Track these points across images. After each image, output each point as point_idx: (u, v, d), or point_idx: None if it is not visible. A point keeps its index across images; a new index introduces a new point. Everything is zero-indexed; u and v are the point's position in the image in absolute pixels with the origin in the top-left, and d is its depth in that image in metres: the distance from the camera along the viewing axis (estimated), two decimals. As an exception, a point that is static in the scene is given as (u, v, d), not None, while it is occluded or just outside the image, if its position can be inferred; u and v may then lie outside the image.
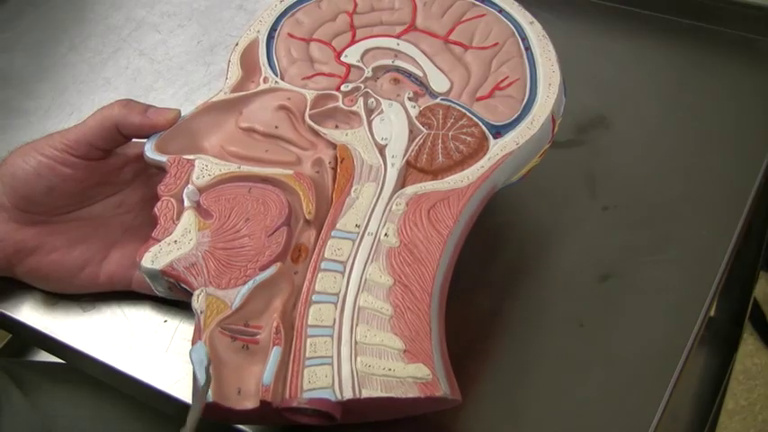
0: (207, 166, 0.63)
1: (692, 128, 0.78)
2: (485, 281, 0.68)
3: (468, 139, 0.64)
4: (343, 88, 0.67)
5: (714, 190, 0.73)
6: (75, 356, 0.68)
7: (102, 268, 0.67)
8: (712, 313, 0.73)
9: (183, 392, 0.64)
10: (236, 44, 0.70)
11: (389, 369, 0.55)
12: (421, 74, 0.67)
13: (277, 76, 0.68)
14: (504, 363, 0.64)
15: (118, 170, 0.68)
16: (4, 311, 0.69)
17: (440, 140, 0.64)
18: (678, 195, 0.73)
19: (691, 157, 0.76)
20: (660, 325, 0.65)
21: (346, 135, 0.65)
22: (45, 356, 0.79)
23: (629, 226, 0.71)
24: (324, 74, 0.68)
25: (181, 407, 0.63)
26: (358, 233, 0.60)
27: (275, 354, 0.56)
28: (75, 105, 0.85)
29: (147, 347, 0.67)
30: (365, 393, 0.54)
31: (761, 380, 1.60)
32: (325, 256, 0.60)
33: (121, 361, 0.66)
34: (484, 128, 0.64)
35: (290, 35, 0.70)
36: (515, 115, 0.65)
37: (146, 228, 0.64)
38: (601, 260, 0.69)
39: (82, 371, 0.71)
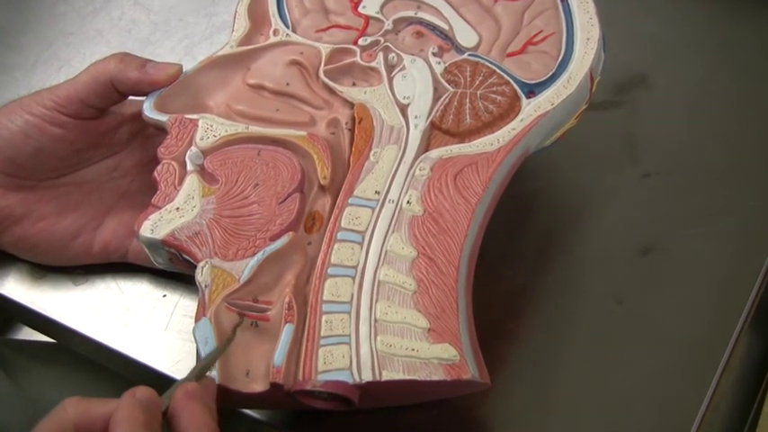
0: (212, 126, 0.63)
1: (739, 89, 0.78)
2: (515, 254, 0.68)
3: (499, 98, 0.63)
4: (360, 42, 0.66)
5: (763, 156, 0.72)
6: (65, 334, 0.68)
7: (95, 238, 0.67)
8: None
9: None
10: (244, -8, 0.69)
11: (413, 349, 0.55)
12: (446, 27, 0.67)
13: (288, 28, 0.67)
14: (535, 343, 0.64)
15: (113, 130, 0.67)
16: (-14, 285, 0.69)
17: (467, 100, 0.63)
18: (724, 162, 0.72)
19: (738, 120, 0.75)
20: (706, 304, 0.65)
21: (365, 93, 0.64)
22: (32, 335, 0.79)
23: (672, 195, 0.70)
24: (340, 26, 0.67)
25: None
26: (378, 200, 0.60)
27: (287, 332, 0.56)
28: (63, 60, 0.84)
29: (145, 324, 0.66)
30: (386, 375, 0.54)
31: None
32: (342, 225, 0.59)
33: (116, 339, 0.66)
34: (516, 86, 0.64)
35: (303, -17, 0.70)
36: (550, 73, 0.64)
37: (144, 194, 0.64)
38: (641, 232, 0.68)
39: (73, 350, 0.71)
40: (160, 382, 0.64)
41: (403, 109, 0.63)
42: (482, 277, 0.61)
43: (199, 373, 0.53)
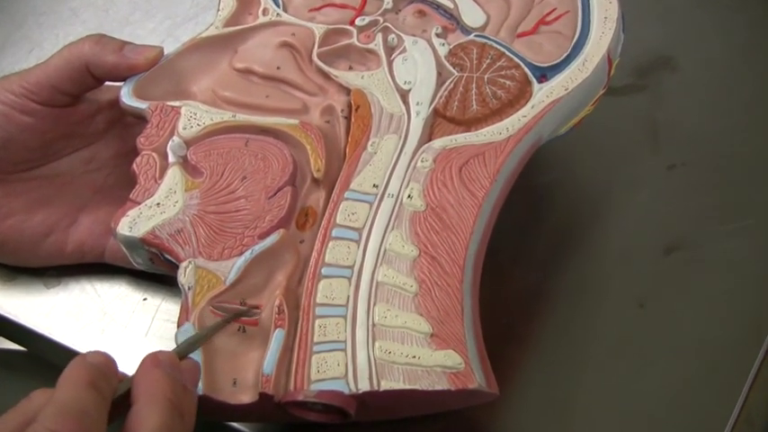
0: (195, 114, 0.63)
1: (770, 71, 0.78)
2: (526, 252, 0.68)
3: (508, 83, 0.63)
4: (358, 22, 0.66)
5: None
6: (36, 342, 0.68)
7: (69, 236, 0.67)
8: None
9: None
10: (230, -31, 0.69)
11: (414, 356, 0.55)
12: (451, 5, 0.67)
13: (279, 7, 0.68)
14: (549, 349, 0.64)
15: (88, 119, 0.67)
16: (-50, 288, 0.70)
17: (474, 85, 0.63)
18: (756, 151, 0.72)
19: (769, 106, 0.75)
20: (736, 306, 0.65)
21: (362, 78, 0.64)
22: (1, 342, 0.79)
23: (699, 188, 0.71)
24: (335, 5, 0.68)
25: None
26: (376, 195, 0.60)
27: (277, 337, 0.56)
28: (35, 41, 0.84)
29: (124, 330, 0.66)
30: (385, 385, 0.54)
31: None
32: (338, 221, 0.59)
33: (93, 347, 0.65)
34: (526, 70, 0.64)
35: (295, -42, 0.70)
36: (564, 55, 0.64)
37: (122, 188, 0.64)
38: (665, 229, 0.69)
39: (46, 359, 0.71)
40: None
41: (403, 95, 0.63)
42: (490, 278, 0.61)
43: (183, 350, 0.53)
